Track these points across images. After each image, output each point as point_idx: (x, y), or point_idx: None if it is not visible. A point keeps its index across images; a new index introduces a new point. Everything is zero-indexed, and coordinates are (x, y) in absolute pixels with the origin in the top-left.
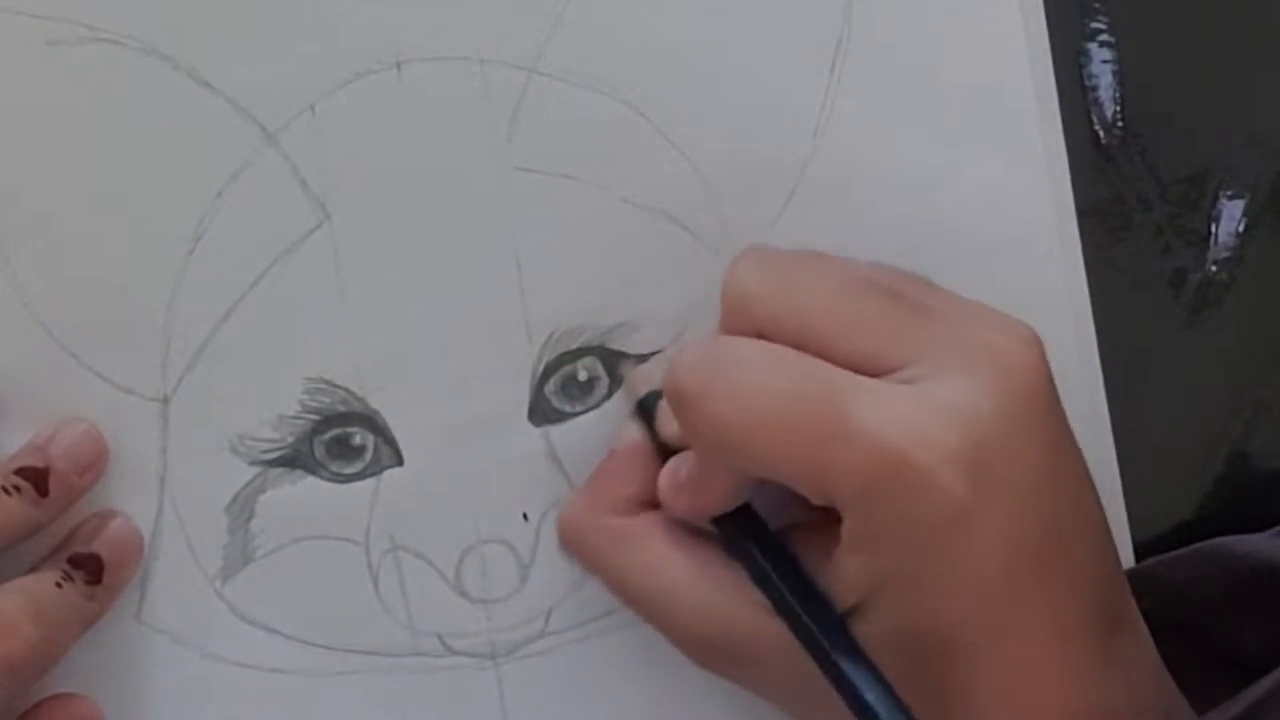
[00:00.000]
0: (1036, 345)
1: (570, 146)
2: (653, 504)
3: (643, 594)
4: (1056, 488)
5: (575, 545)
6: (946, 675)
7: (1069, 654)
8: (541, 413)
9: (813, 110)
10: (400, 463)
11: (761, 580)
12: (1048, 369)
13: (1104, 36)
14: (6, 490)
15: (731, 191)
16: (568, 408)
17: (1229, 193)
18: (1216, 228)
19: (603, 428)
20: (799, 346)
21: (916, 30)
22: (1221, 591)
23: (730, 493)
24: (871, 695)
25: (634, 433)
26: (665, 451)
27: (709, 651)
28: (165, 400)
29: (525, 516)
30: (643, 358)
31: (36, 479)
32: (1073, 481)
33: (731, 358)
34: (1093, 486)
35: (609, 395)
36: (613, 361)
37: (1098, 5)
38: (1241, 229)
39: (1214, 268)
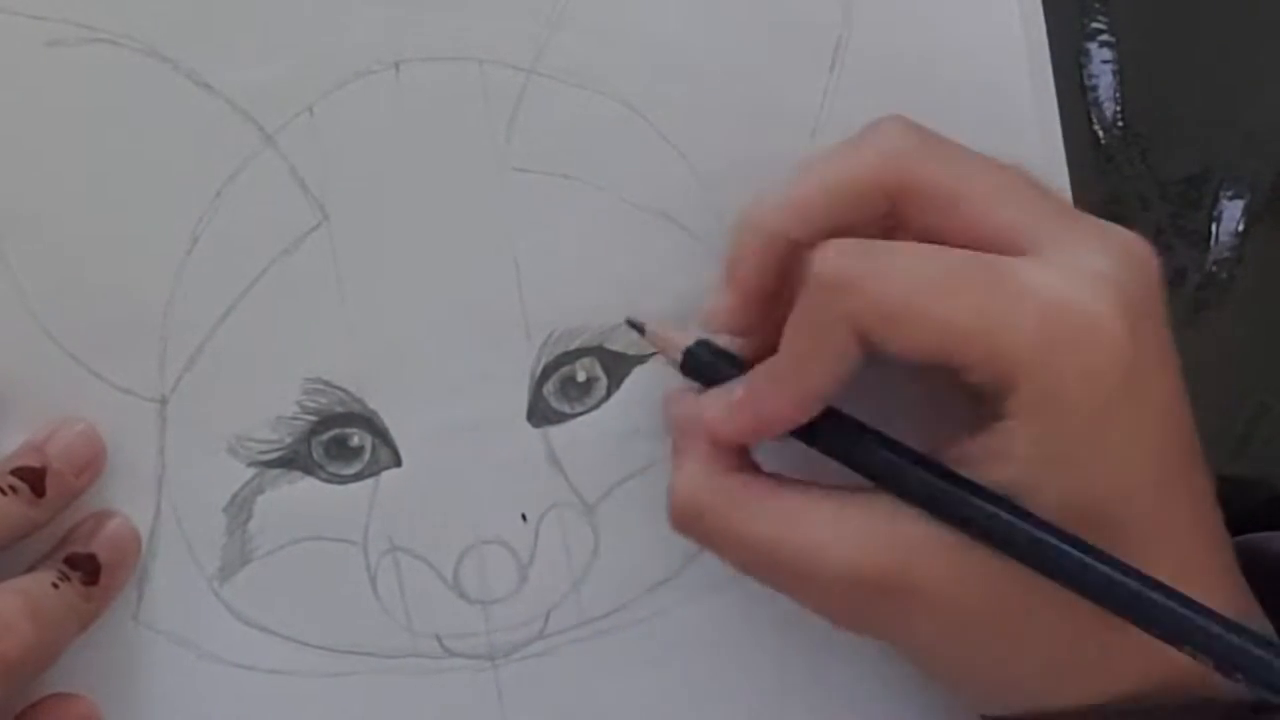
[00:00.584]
0: (1152, 248)
1: (569, 147)
2: (747, 460)
3: (781, 551)
4: (1182, 380)
5: (693, 517)
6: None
7: (1210, 560)
8: (540, 413)
9: (812, 110)
10: (398, 463)
11: (920, 487)
12: (1160, 268)
13: (1104, 36)
14: (3, 490)
15: (730, 192)
16: (566, 408)
17: (1229, 193)
18: (1216, 228)
19: (602, 429)
20: (947, 210)
21: (916, 30)
22: (1252, 589)
23: (816, 395)
24: (1070, 553)
25: (691, 400)
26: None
27: (867, 598)
28: (163, 401)
29: (524, 517)
30: (642, 359)
31: (33, 479)
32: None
33: (884, 246)
34: None
35: (608, 396)
36: (611, 362)
37: (1098, 5)
38: (1241, 229)
39: (1214, 268)
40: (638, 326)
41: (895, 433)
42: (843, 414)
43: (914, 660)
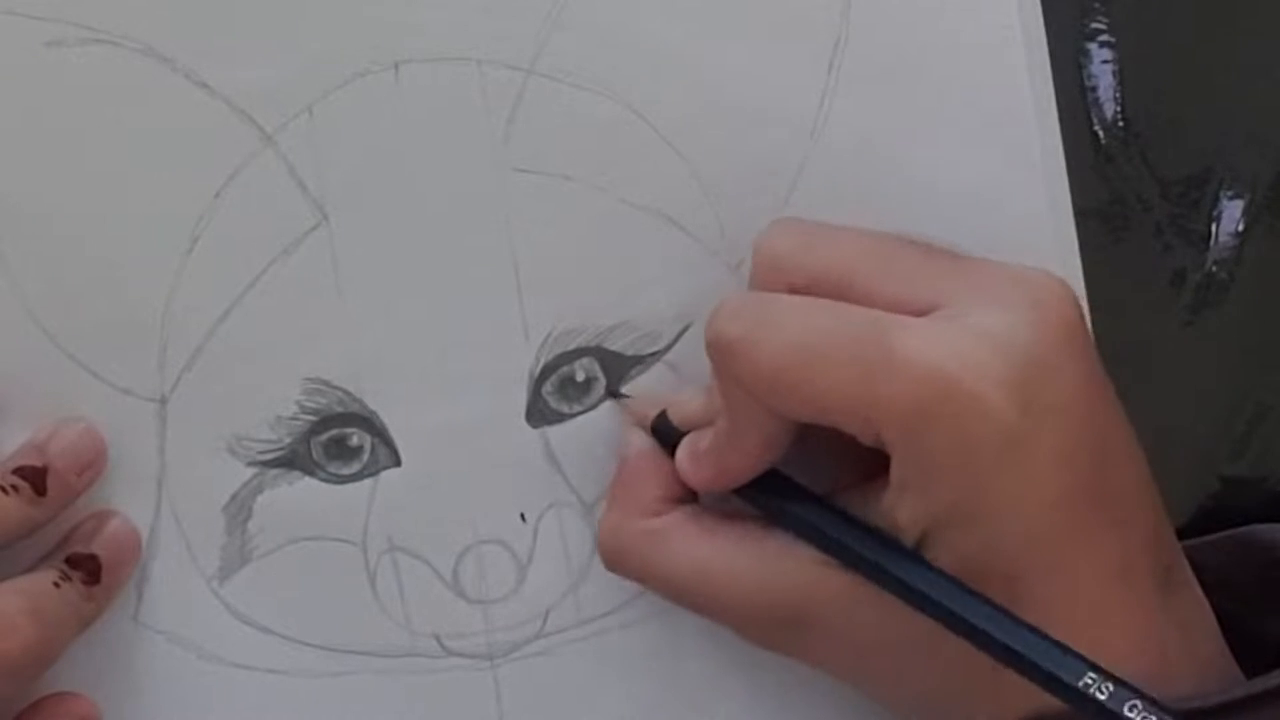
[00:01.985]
0: (1067, 288)
1: (568, 147)
2: (678, 500)
3: (694, 585)
4: (1101, 416)
5: (617, 557)
6: None
7: (1129, 597)
8: (539, 413)
9: (810, 111)
10: (398, 463)
11: (813, 531)
12: (1079, 306)
13: (1104, 36)
14: (4, 489)
15: (729, 192)
16: (565, 408)
17: (1229, 193)
18: (1216, 228)
19: (600, 428)
20: (835, 296)
21: (915, 31)
22: (1251, 578)
23: (760, 454)
24: (962, 605)
25: (638, 439)
26: (671, 446)
27: (770, 626)
28: (163, 401)
29: (523, 517)
30: (641, 359)
31: (34, 478)
32: (1115, 416)
33: (774, 304)
34: (1133, 433)
35: (606, 396)
36: (610, 362)
37: (1098, 5)
38: (1241, 229)
39: (1214, 267)
40: (618, 396)
41: (806, 467)
42: (779, 475)
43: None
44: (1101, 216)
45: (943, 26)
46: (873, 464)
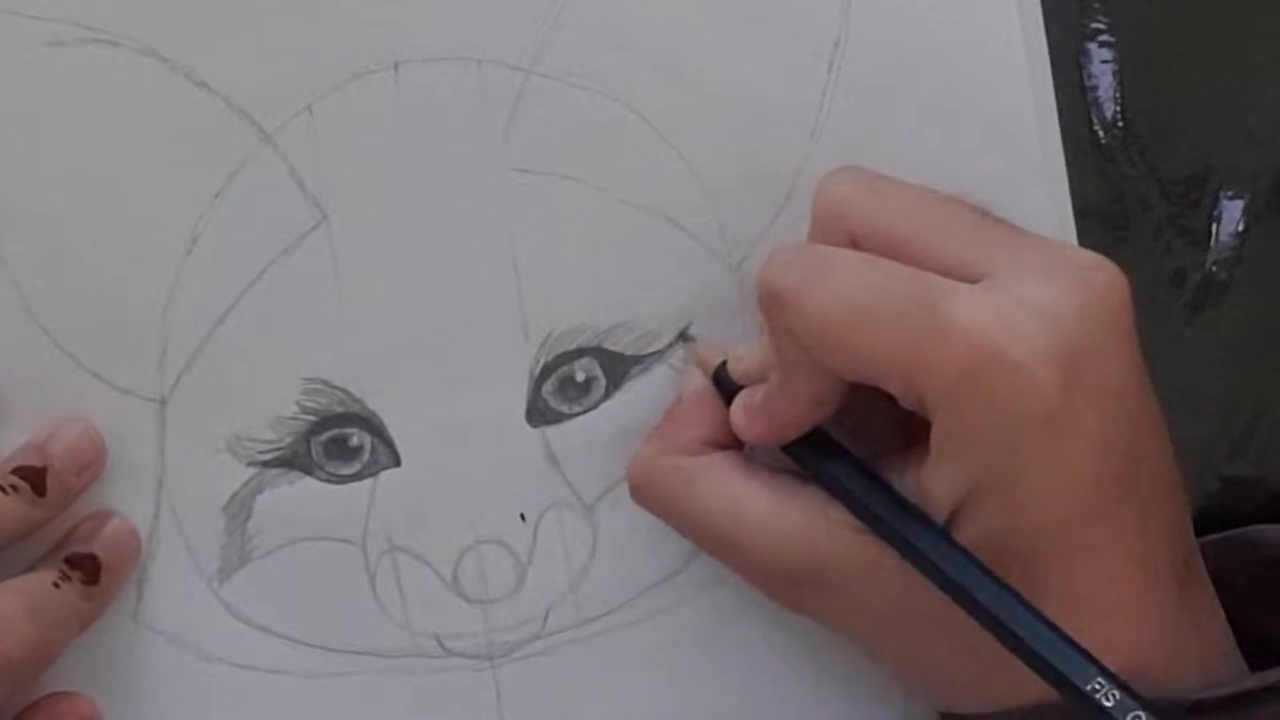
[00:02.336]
0: (1119, 272)
1: (568, 147)
2: (721, 447)
3: (721, 530)
4: (1139, 406)
5: (646, 489)
6: (1027, 591)
7: (1147, 587)
8: (539, 414)
9: (810, 110)
10: (398, 463)
11: (847, 495)
12: (1129, 293)
13: (1104, 36)
14: (4, 489)
15: (729, 192)
16: (565, 409)
17: (1229, 192)
18: (1217, 227)
19: (600, 429)
20: (889, 252)
21: (915, 30)
22: (1248, 578)
23: (810, 409)
24: (980, 589)
25: (697, 380)
26: (729, 395)
27: (792, 583)
28: (163, 401)
29: (523, 517)
30: (641, 359)
31: (34, 478)
32: (1151, 406)
33: (827, 258)
34: (1164, 425)
35: (606, 396)
36: (610, 362)
37: (1098, 5)
38: (1241, 229)
39: (1214, 267)
40: (688, 337)
41: (856, 432)
42: (824, 434)
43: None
44: (1101, 216)
45: (942, 26)
46: (916, 433)
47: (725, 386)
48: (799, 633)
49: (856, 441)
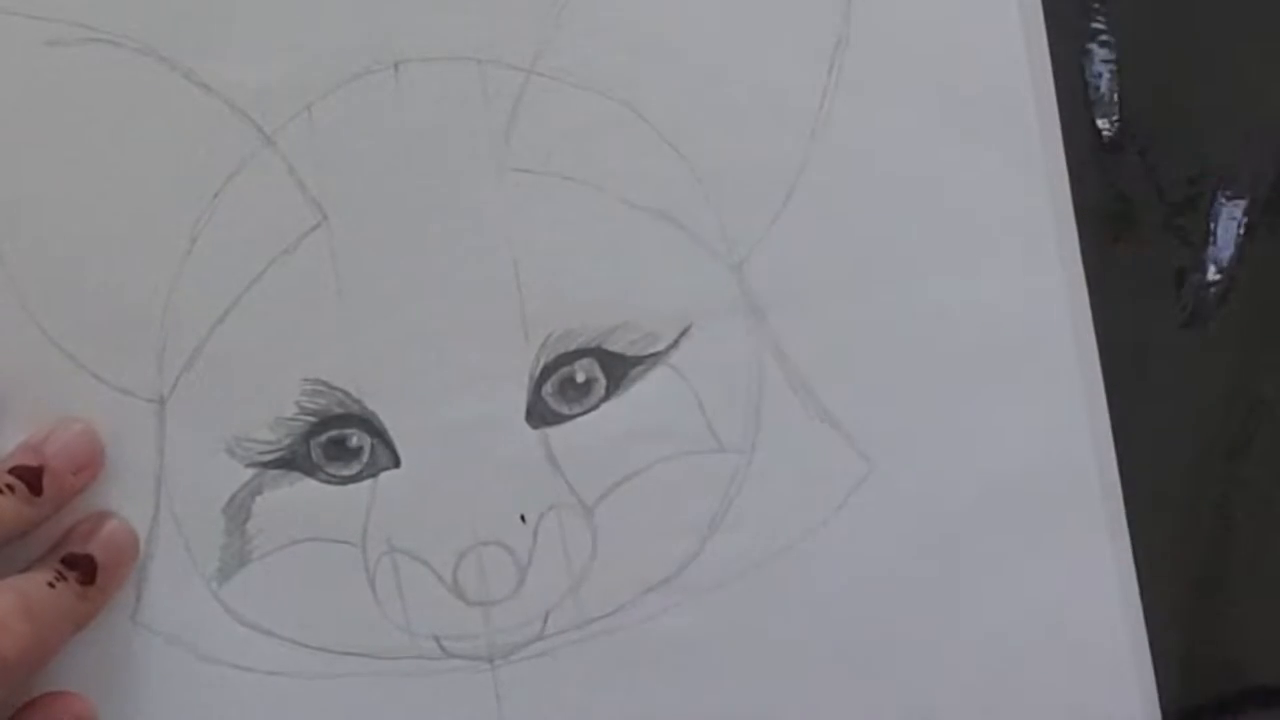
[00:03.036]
0: None
1: (568, 147)
2: None
3: None
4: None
5: None
6: None
7: None
8: (539, 414)
9: (811, 110)
10: (397, 464)
11: None
12: None
13: (1104, 36)
14: (0, 488)
15: (729, 192)
16: (565, 409)
17: (1229, 193)
18: (1216, 228)
19: (600, 429)
20: None
21: (915, 31)
22: None
23: None
24: None
25: None
26: None
27: None
28: (162, 401)
29: (523, 518)
30: (641, 360)
31: (31, 477)
32: None
33: None
34: None
35: (607, 397)
36: (610, 363)
37: (1098, 5)
38: (1241, 229)
39: (1214, 268)
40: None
41: None
42: None
43: None
44: (1101, 216)
45: (943, 27)
46: None
47: None
48: (799, 634)
49: None
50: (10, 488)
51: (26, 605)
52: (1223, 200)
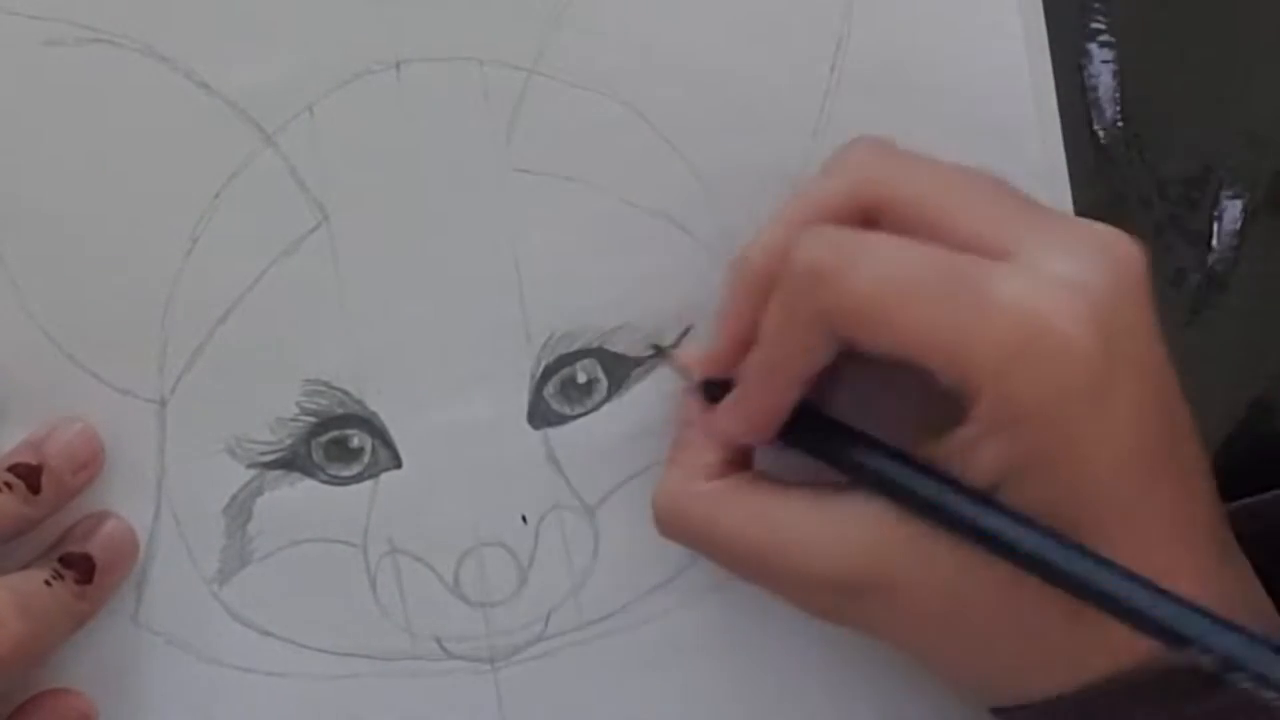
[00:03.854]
0: (1137, 243)
1: (570, 148)
2: (739, 467)
3: (758, 549)
4: (1169, 375)
5: (675, 518)
6: None
7: (1194, 550)
8: (540, 415)
9: (812, 111)
10: (398, 465)
11: (890, 483)
12: (1146, 263)
13: (1104, 36)
14: None
15: (731, 193)
16: (567, 410)
17: (1229, 192)
18: (1217, 227)
19: (602, 430)
20: (909, 227)
21: (916, 31)
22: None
23: (783, 394)
24: (1060, 554)
25: (694, 402)
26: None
27: (842, 591)
28: (162, 402)
29: (524, 519)
30: (642, 360)
31: (29, 476)
32: (1176, 380)
33: (864, 238)
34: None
35: (608, 398)
36: (612, 364)
37: (1098, 5)
38: (1241, 228)
39: (1214, 267)
40: (661, 350)
41: (877, 425)
42: (820, 413)
43: (901, 651)
44: (1101, 216)
45: (943, 27)
46: (936, 419)
47: (716, 397)
48: (800, 635)
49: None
50: (9, 486)
51: (22, 602)
52: (1223, 200)
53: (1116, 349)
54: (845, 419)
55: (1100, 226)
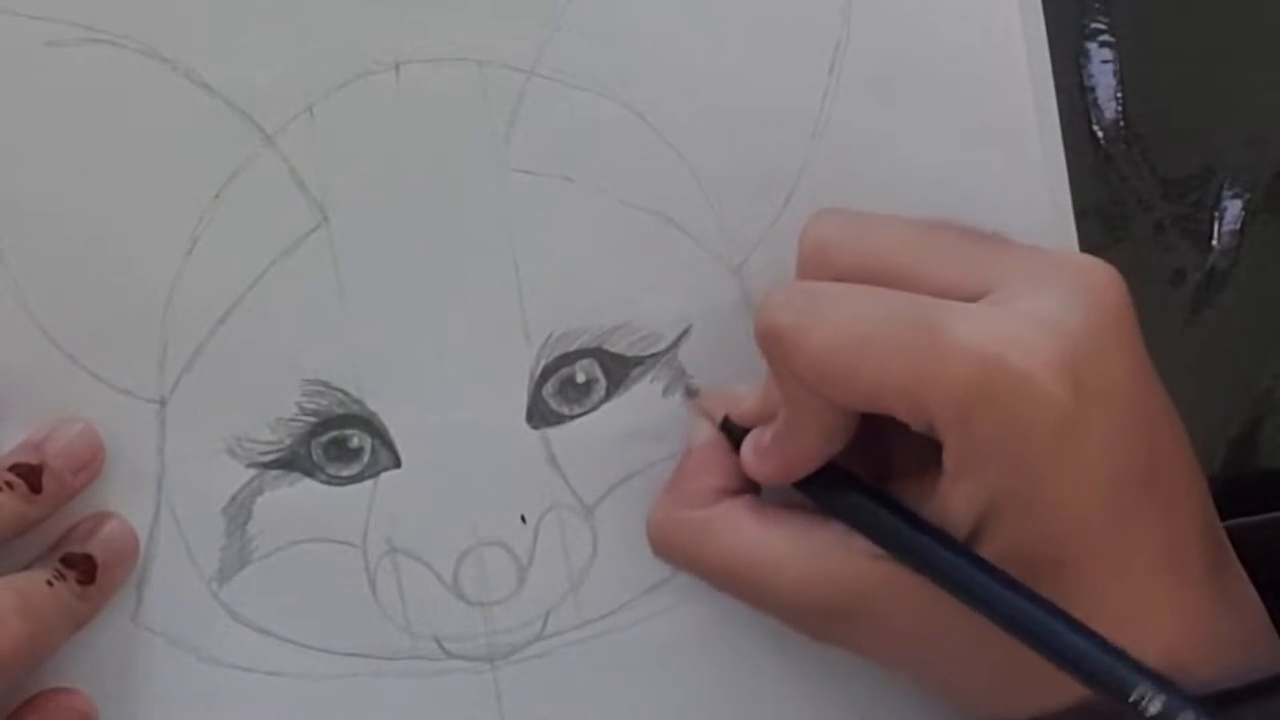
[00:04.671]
0: (1114, 271)
1: (569, 148)
2: (736, 493)
3: (742, 574)
4: (1150, 402)
5: (665, 543)
6: (1058, 601)
7: (1179, 582)
8: (539, 415)
9: (811, 112)
10: (398, 465)
11: (867, 525)
12: (1127, 293)
13: (1104, 36)
14: None
15: (730, 194)
16: (566, 410)
17: (1229, 192)
18: (1217, 227)
19: (601, 430)
20: (882, 285)
21: (915, 32)
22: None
23: (820, 444)
24: (1010, 604)
25: (705, 431)
26: (739, 442)
27: (819, 617)
28: (162, 402)
29: (523, 519)
30: (641, 360)
31: (30, 475)
32: (1163, 399)
33: (821, 293)
34: (1179, 419)
35: (607, 398)
36: (611, 364)
37: (1098, 5)
38: (1241, 228)
39: (1214, 267)
40: (691, 394)
41: (856, 458)
42: (836, 468)
43: (885, 670)
44: (1101, 216)
45: (943, 27)
46: (927, 456)
47: (734, 433)
48: (798, 635)
49: (869, 468)
50: (9, 485)
51: (24, 603)
52: (1223, 200)
53: (1087, 384)
54: (842, 458)
55: (1076, 257)
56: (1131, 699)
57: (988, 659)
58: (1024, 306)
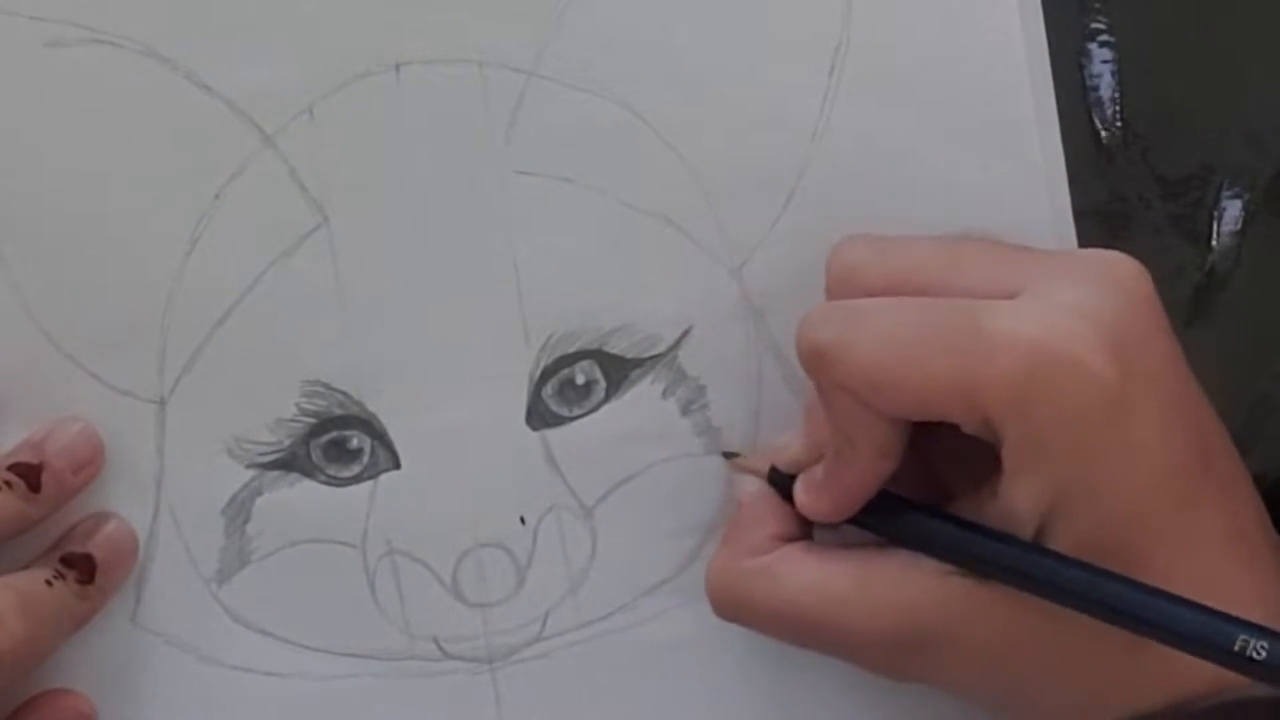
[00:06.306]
0: (1139, 264)
1: (569, 149)
2: (789, 540)
3: (811, 615)
4: (1190, 387)
5: (727, 594)
6: None
7: (1247, 562)
8: (539, 416)
9: (811, 113)
10: (397, 466)
11: (935, 544)
12: (1152, 281)
13: (1104, 36)
14: None
15: (730, 195)
16: (565, 411)
17: (1229, 192)
18: (1217, 227)
19: (600, 431)
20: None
21: (915, 33)
22: None
23: (875, 464)
24: (1098, 589)
25: (751, 483)
26: (788, 492)
27: (895, 649)
28: (162, 402)
29: (522, 520)
30: (641, 362)
31: (29, 475)
32: (1198, 387)
33: (859, 308)
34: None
35: (606, 399)
36: (610, 365)
37: (1098, 5)
38: (1241, 228)
39: (1215, 266)
40: (730, 456)
41: (916, 483)
42: (890, 495)
43: (964, 700)
44: (1101, 216)
45: (943, 28)
46: (977, 473)
47: (781, 483)
48: None
49: (920, 493)
50: (9, 484)
51: (23, 603)
52: (1223, 200)
53: (1131, 367)
54: (893, 484)
55: (1102, 253)
56: (1236, 648)
57: (1071, 670)
58: (1060, 299)
